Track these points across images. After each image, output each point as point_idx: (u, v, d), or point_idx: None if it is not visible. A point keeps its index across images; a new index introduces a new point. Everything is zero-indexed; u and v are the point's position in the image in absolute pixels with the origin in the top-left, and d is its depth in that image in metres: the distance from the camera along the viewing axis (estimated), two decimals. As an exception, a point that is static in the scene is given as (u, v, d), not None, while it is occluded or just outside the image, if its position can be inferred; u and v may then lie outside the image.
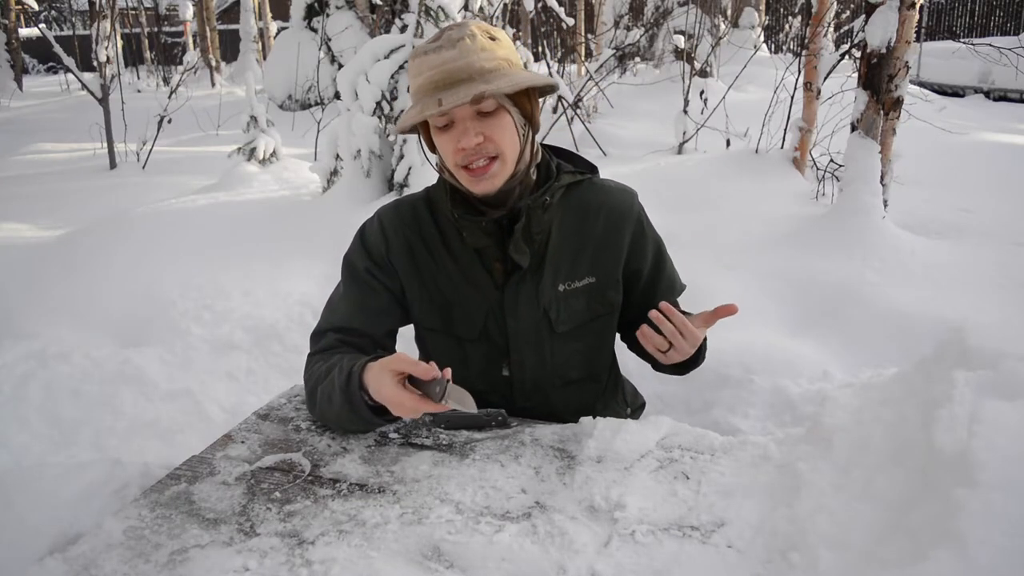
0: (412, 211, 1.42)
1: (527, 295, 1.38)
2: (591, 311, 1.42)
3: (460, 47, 1.22)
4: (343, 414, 1.25)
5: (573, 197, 1.41)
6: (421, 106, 1.23)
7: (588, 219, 1.41)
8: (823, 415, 1.19)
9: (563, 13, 7.64)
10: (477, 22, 1.29)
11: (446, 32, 1.25)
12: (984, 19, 14.61)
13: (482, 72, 1.22)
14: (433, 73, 1.22)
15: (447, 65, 1.21)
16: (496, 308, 1.39)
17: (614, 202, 1.43)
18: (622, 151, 5.71)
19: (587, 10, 10.64)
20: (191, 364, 3.12)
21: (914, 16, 3.74)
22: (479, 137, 1.25)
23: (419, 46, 1.28)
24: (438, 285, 1.40)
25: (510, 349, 1.41)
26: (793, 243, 3.71)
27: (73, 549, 1.06)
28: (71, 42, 12.80)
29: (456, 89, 1.21)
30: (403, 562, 0.99)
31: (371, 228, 1.43)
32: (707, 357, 1.54)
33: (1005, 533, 0.78)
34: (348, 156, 4.45)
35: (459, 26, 1.26)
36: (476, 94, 1.18)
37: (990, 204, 4.49)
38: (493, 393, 1.43)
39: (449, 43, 1.22)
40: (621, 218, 1.43)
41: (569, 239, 1.39)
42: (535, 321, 1.39)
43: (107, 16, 6.97)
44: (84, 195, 5.77)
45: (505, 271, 1.37)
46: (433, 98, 1.21)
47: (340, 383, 1.22)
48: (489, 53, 1.23)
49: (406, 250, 1.40)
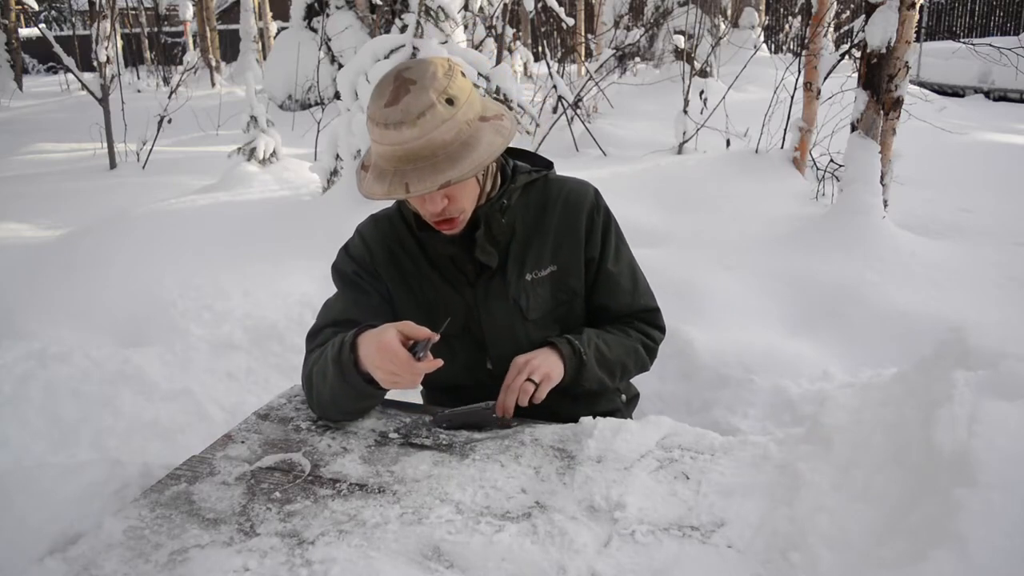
0: (389, 223, 1.51)
1: (497, 290, 1.46)
2: (555, 298, 1.50)
3: (421, 125, 1.21)
4: (336, 387, 1.31)
5: (532, 193, 1.49)
6: (388, 185, 1.25)
7: (547, 211, 1.49)
8: (823, 415, 1.19)
9: (563, 13, 7.65)
10: (433, 70, 1.25)
11: (403, 95, 1.22)
12: (984, 19, 14.61)
13: (444, 145, 1.23)
14: (395, 149, 1.24)
15: (408, 144, 1.22)
16: (472, 305, 1.47)
17: (570, 193, 1.51)
18: (622, 151, 5.71)
19: (587, 10, 10.66)
20: (191, 364, 3.12)
21: (914, 16, 3.74)
22: (444, 201, 1.31)
23: (375, 104, 1.24)
24: (421, 287, 1.49)
25: (488, 342, 1.48)
26: (793, 243, 3.71)
27: (73, 549, 1.06)
28: (71, 42, 12.78)
29: (421, 170, 1.23)
30: (403, 562, 0.99)
31: (354, 243, 1.53)
32: (707, 357, 1.56)
33: (1005, 533, 0.78)
34: (348, 156, 4.45)
35: (417, 85, 1.22)
36: (443, 183, 1.22)
37: (990, 204, 4.49)
38: (479, 388, 1.45)
39: (409, 119, 1.21)
40: (577, 207, 1.49)
41: (531, 232, 1.48)
42: (507, 312, 1.47)
43: (107, 16, 6.97)
44: (84, 195, 5.77)
45: (476, 271, 1.46)
46: (400, 178, 1.24)
47: (332, 354, 1.30)
48: (449, 124, 1.23)
49: (389, 259, 1.49)
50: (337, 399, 1.34)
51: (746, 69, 6.07)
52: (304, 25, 10.31)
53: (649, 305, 1.58)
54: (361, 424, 1.38)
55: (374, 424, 1.38)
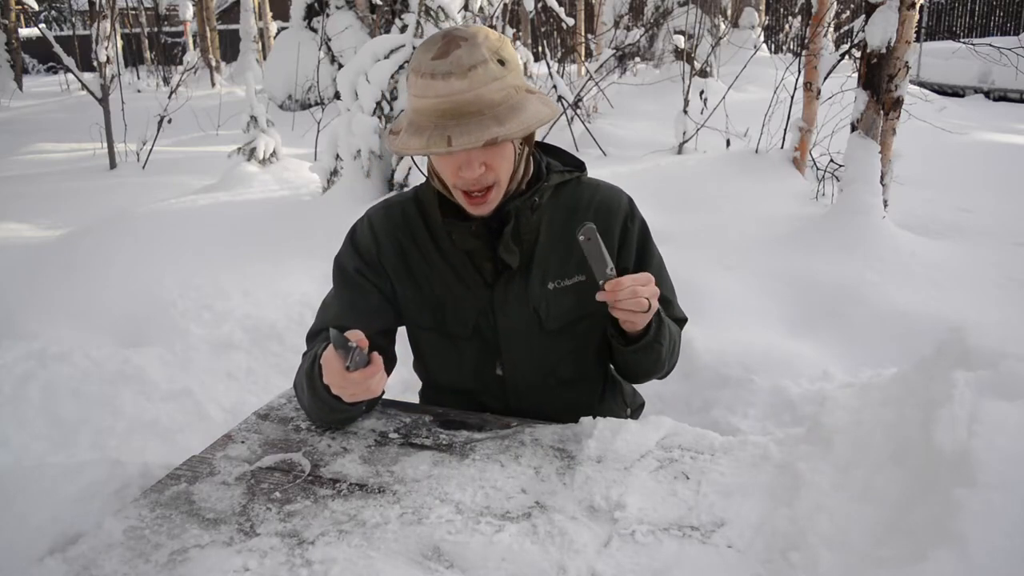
0: (402, 212, 1.42)
1: (517, 293, 1.38)
2: (579, 309, 1.40)
3: (472, 78, 1.15)
4: (311, 399, 1.29)
5: (562, 195, 1.40)
6: (428, 139, 1.18)
7: (577, 217, 1.38)
8: (823, 415, 1.20)
9: (563, 13, 7.65)
10: (485, 33, 1.21)
11: (454, 48, 1.16)
12: (984, 19, 14.61)
13: (492, 105, 1.17)
14: (440, 102, 1.16)
15: (456, 97, 1.15)
16: (487, 307, 1.39)
17: (603, 199, 1.42)
18: (622, 151, 5.71)
19: (587, 10, 10.65)
20: (191, 364, 3.12)
21: (914, 16, 3.74)
22: (482, 168, 1.23)
23: (423, 57, 1.19)
24: (431, 284, 1.40)
25: (501, 347, 1.41)
26: (793, 243, 3.71)
27: (73, 549, 1.06)
28: (71, 42, 12.77)
29: (466, 124, 1.16)
30: (403, 562, 0.99)
31: (361, 230, 1.44)
32: (707, 357, 1.54)
33: (1005, 533, 0.78)
34: (348, 156, 4.45)
35: (469, 42, 1.17)
36: (489, 139, 1.15)
37: (990, 204, 4.49)
38: (486, 393, 1.43)
39: (460, 71, 1.15)
40: (609, 214, 1.41)
41: (558, 237, 1.39)
42: (525, 319, 1.39)
43: (107, 16, 6.97)
44: (84, 195, 5.77)
45: (495, 270, 1.37)
46: (441, 132, 1.17)
47: (306, 368, 1.28)
48: (499, 83, 1.17)
49: (397, 252, 1.40)
50: (316, 410, 1.32)
51: (746, 69, 6.07)
52: (304, 25, 10.31)
53: (683, 316, 1.52)
54: (361, 424, 1.38)
55: (374, 424, 1.38)
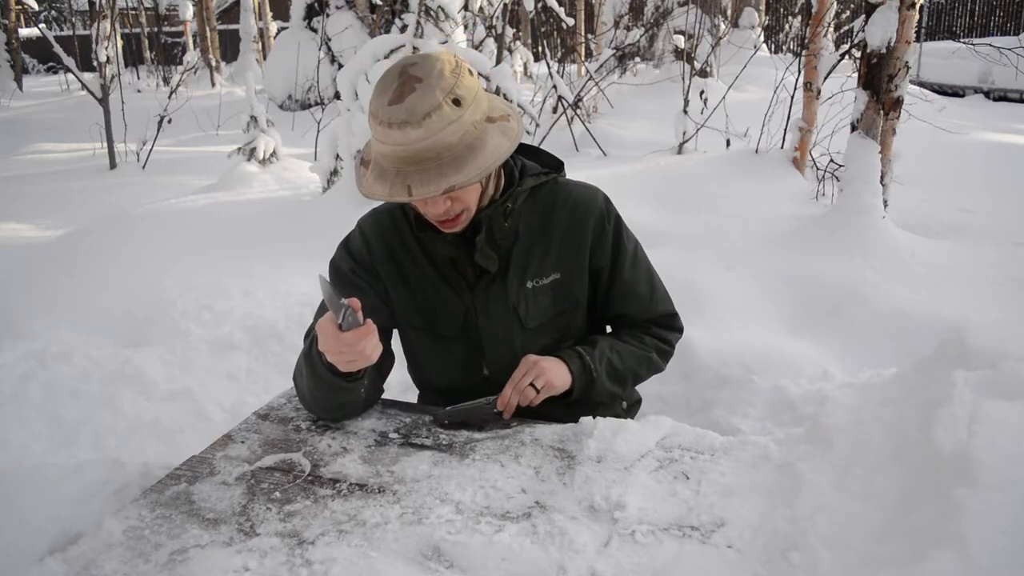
0: (391, 219, 1.47)
1: (496, 295, 1.43)
2: (556, 307, 1.46)
3: (427, 126, 1.16)
4: (310, 381, 1.32)
5: (539, 196, 1.44)
6: (391, 186, 1.21)
7: (553, 217, 1.44)
8: (823, 415, 1.20)
9: (563, 13, 7.65)
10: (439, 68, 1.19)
11: (408, 93, 1.17)
12: (984, 19, 14.60)
13: (449, 148, 1.19)
14: (398, 149, 1.19)
15: (413, 145, 1.17)
16: (471, 308, 1.44)
17: (578, 198, 1.46)
18: (622, 151, 5.71)
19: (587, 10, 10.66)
20: (191, 364, 3.12)
21: (914, 16, 3.74)
22: (448, 203, 1.28)
23: (378, 101, 1.19)
24: (421, 287, 1.46)
25: (484, 348, 1.46)
26: (793, 243, 3.71)
27: (73, 549, 1.06)
28: (71, 42, 12.78)
29: (425, 172, 1.19)
30: (403, 562, 0.99)
31: (354, 238, 1.50)
32: (707, 357, 1.55)
33: (1005, 533, 0.78)
34: (348, 156, 4.45)
35: (423, 83, 1.17)
36: (447, 188, 1.18)
37: (990, 204, 4.49)
38: (475, 393, 1.44)
39: (414, 120, 1.16)
40: (584, 213, 1.45)
41: (535, 238, 1.43)
42: (505, 319, 1.44)
43: (107, 16, 6.97)
44: (84, 195, 5.77)
45: (476, 274, 1.42)
46: (402, 179, 1.20)
47: (305, 351, 1.35)
48: (455, 125, 1.18)
49: (389, 257, 1.46)
50: (314, 394, 1.35)
51: (746, 69, 6.07)
52: (304, 25, 10.32)
53: (667, 311, 1.55)
54: (361, 424, 1.38)
55: (374, 424, 1.38)
